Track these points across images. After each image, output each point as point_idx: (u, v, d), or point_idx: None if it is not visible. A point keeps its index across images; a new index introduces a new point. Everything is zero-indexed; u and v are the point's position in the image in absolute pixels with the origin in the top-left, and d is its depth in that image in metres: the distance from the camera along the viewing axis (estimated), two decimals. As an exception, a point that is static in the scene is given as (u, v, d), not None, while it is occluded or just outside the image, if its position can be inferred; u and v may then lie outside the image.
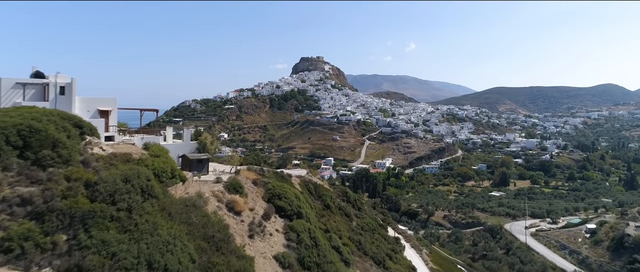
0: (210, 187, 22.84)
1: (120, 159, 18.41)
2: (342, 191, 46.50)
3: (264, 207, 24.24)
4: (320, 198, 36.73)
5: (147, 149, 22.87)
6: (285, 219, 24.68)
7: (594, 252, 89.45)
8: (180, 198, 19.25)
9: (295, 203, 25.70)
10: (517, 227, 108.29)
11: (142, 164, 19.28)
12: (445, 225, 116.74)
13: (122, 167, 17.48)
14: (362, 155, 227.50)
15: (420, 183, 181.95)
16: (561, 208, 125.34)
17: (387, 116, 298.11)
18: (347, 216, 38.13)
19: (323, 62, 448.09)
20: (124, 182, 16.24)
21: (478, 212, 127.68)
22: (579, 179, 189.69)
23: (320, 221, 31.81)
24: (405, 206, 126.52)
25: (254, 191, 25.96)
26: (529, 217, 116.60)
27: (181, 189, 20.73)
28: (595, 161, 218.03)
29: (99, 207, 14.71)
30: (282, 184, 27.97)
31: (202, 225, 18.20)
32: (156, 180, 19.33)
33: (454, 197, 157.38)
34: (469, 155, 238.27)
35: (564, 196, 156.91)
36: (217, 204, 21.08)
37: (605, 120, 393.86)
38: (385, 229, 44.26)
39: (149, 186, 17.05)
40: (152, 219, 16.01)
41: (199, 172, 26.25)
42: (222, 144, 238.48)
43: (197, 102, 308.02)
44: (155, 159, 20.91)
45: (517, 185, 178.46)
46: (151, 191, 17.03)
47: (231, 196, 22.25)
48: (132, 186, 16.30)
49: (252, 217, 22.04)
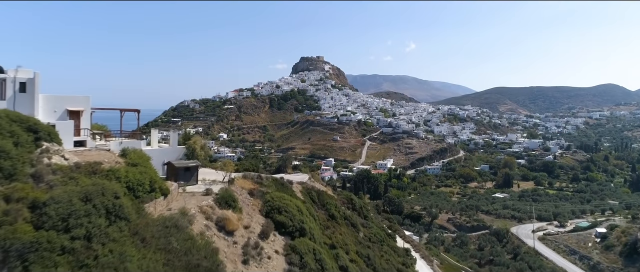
0: (198, 201, 19.47)
1: (85, 171, 15.02)
2: (346, 198, 43.15)
3: (261, 223, 20.89)
4: (324, 207, 33.38)
5: (124, 156, 19.57)
6: (286, 236, 21.34)
7: (606, 257, 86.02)
8: (159, 217, 15.88)
9: (297, 217, 22.36)
10: (523, 231, 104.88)
11: (113, 176, 15.88)
12: (450, 228, 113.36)
13: (85, 182, 14.11)
14: (363, 156, 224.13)
15: (422, 184, 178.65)
16: (567, 211, 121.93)
17: (387, 116, 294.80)
18: (354, 226, 34.76)
19: (323, 61, 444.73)
20: (84, 202, 12.88)
21: (482, 214, 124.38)
22: (583, 180, 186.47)
23: (325, 234, 28.46)
24: (408, 209, 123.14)
25: (250, 203, 22.62)
26: (536, 220, 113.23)
27: (162, 205, 17.36)
28: (599, 162, 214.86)
29: (45, 237, 11.33)
30: (282, 195, 24.59)
31: (184, 251, 14.84)
32: (129, 195, 15.96)
33: (457, 199, 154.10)
34: (471, 156, 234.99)
35: (569, 197, 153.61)
36: (205, 222, 17.73)
37: (606, 120, 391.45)
38: (393, 239, 40.92)
39: (117, 204, 13.68)
40: (118, 248, 12.64)
41: (187, 182, 22.89)
42: (221, 145, 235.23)
43: (196, 102, 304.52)
44: (132, 168, 17.54)
45: (521, 186, 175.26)
46: (119, 212, 13.67)
47: (222, 211, 18.90)
48: (93, 207, 12.94)
49: (247, 238, 18.69)
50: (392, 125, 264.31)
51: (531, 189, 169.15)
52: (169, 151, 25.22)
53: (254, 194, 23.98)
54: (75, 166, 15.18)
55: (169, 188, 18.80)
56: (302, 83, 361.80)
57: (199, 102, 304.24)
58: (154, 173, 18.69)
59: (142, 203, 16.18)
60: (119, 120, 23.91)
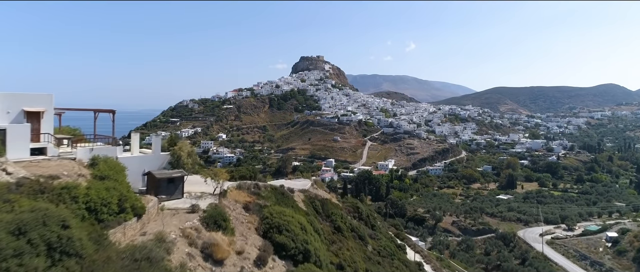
0: (180, 222, 16.11)
1: (29, 190, 11.62)
2: (352, 206, 39.80)
3: (258, 245, 17.55)
4: (329, 218, 30.04)
5: (93, 166, 16.25)
6: (287, 261, 18.02)
7: (619, 263, 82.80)
8: (127, 247, 12.50)
9: (300, 237, 19.01)
10: (531, 235, 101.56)
11: (68, 196, 12.49)
12: (454, 232, 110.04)
13: (24, 205, 10.74)
14: (363, 156, 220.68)
15: (424, 186, 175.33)
16: (574, 213, 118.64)
17: (388, 116, 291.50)
18: (361, 239, 31.41)
19: (323, 61, 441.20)
20: (15, 236, 9.51)
21: (487, 217, 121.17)
22: (587, 181, 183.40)
23: (331, 250, 25.12)
24: (412, 211, 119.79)
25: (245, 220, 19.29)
26: (543, 223, 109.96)
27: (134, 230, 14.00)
28: (603, 163, 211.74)
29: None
30: (283, 210, 21.21)
31: (157, 294, 11.53)
32: (89, 220, 12.60)
33: (461, 201, 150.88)
34: (473, 156, 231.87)
35: (574, 199, 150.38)
36: (187, 250, 14.37)
37: (608, 120, 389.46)
38: (403, 251, 37.56)
39: (64, 237, 10.32)
40: (62, 299, 9.28)
41: (170, 196, 19.52)
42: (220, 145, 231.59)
43: (195, 102, 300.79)
44: (96, 183, 14.19)
45: (525, 187, 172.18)
46: (67, 246, 10.31)
47: (210, 234, 15.54)
48: (29, 242, 9.57)
49: (239, 267, 15.33)
50: (393, 125, 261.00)
51: (535, 190, 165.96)
52: (150, 158, 21.71)
53: (249, 208, 20.66)
54: (17, 183, 11.81)
55: (145, 206, 15.42)
56: (302, 83, 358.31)
57: (197, 102, 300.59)
58: (126, 188, 15.32)
59: (106, 229, 12.83)
60: (98, 122, 20.38)
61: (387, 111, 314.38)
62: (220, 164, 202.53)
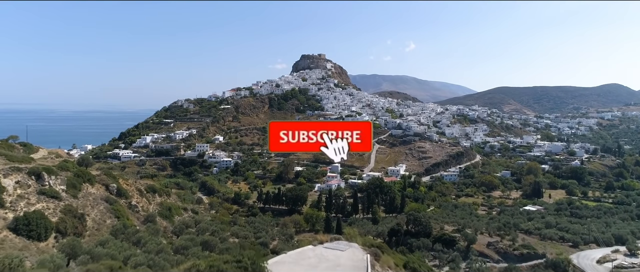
0: None
1: None
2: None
3: None
4: None
5: None
6: None
7: None
8: None
9: None
10: (585, 261, 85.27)
11: None
12: (492, 256, 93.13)
13: None
14: (371, 161, 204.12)
15: (441, 194, 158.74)
16: (626, 231, 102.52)
17: (395, 117, 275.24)
18: None
19: (325, 59, 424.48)
20: None
21: (522, 234, 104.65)
22: (618, 189, 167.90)
23: None
24: (438, 230, 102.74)
25: None
26: (595, 245, 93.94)
27: None
28: (631, 167, 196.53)
29: None
30: None
31: None
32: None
33: (486, 212, 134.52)
34: (488, 160, 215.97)
35: (613, 211, 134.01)
36: None
37: (619, 121, 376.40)
38: None
39: None
40: None
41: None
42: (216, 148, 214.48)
43: (191, 102, 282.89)
44: None
45: (552, 196, 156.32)
46: None
47: None
48: None
49: None
50: (402, 127, 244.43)
51: (565, 199, 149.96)
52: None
53: None
54: None
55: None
56: (303, 82, 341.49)
57: (193, 102, 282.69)
58: None
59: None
60: None
61: (393, 112, 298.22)
62: (216, 169, 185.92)
